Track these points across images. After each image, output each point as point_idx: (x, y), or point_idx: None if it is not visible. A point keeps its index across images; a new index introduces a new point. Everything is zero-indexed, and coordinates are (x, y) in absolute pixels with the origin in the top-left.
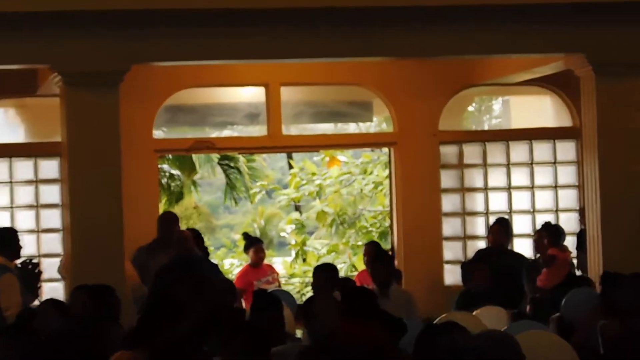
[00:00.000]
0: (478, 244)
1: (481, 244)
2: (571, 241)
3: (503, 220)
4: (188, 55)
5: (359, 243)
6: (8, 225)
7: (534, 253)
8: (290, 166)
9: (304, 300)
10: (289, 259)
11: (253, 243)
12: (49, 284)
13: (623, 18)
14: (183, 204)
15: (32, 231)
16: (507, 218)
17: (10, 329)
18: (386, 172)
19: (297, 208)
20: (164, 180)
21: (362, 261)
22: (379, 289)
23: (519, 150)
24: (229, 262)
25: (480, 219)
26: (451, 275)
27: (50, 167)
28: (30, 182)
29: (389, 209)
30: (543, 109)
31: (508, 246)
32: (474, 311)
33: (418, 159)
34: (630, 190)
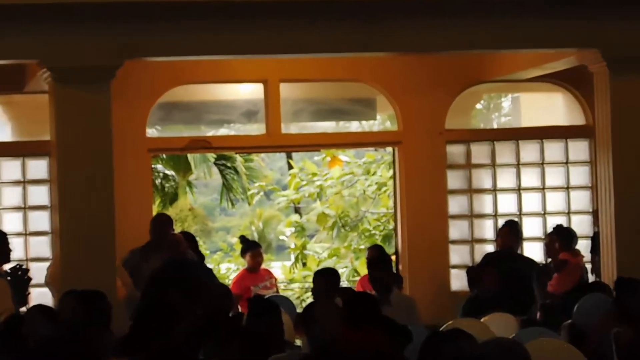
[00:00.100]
0: (486, 248)
1: (489, 248)
2: (584, 245)
3: (512, 222)
4: (183, 50)
5: (362, 247)
6: None
7: (545, 257)
8: (290, 166)
9: (303, 307)
10: (288, 263)
11: (250, 247)
12: (37, 289)
13: (639, 12)
14: (177, 205)
15: (20, 234)
16: (517, 220)
17: None
18: (390, 173)
19: (297, 210)
20: (158, 181)
21: (365, 266)
22: (380, 295)
23: (529, 149)
24: (225, 267)
25: (488, 222)
26: (458, 280)
27: (39, 167)
28: (17, 183)
29: (392, 211)
30: (555, 107)
31: (517, 250)
32: (482, 318)
33: (423, 158)
34: None
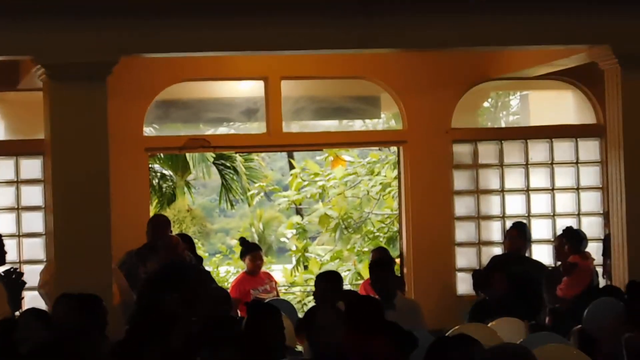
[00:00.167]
0: (493, 251)
1: (497, 251)
2: (595, 247)
3: (521, 224)
4: (181, 46)
5: (365, 249)
6: None
7: (554, 260)
8: (291, 166)
9: (305, 311)
10: (289, 266)
11: (250, 249)
12: (31, 293)
13: None
14: (175, 206)
15: (13, 235)
16: (525, 222)
17: None
18: (395, 173)
19: (298, 211)
20: (155, 181)
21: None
22: (383, 299)
23: (538, 149)
24: (224, 270)
25: (496, 224)
26: (464, 284)
27: (33, 167)
28: (10, 183)
29: (397, 213)
30: (564, 105)
31: (526, 253)
32: (489, 323)
33: (429, 158)
34: None
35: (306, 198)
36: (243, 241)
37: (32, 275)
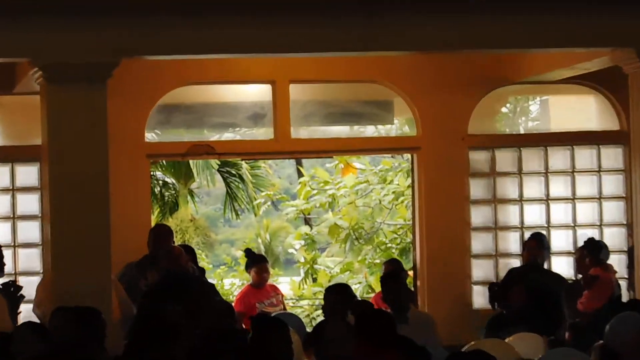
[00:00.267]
0: (511, 262)
1: (515, 262)
2: (617, 259)
3: (540, 235)
4: (185, 48)
5: (377, 261)
6: None
7: (575, 273)
8: (300, 174)
9: (313, 325)
10: (297, 278)
11: (256, 261)
12: (27, 306)
13: None
14: (178, 216)
15: (8, 245)
16: (544, 233)
17: None
18: (408, 181)
19: (307, 221)
20: (157, 189)
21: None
22: (396, 313)
23: (558, 156)
24: (229, 282)
25: (513, 234)
26: (480, 297)
27: (29, 174)
28: (6, 190)
29: (410, 223)
30: (586, 110)
31: (545, 265)
32: (507, 338)
33: (444, 166)
34: None
35: (315, 207)
36: (249, 252)
37: (29, 287)
